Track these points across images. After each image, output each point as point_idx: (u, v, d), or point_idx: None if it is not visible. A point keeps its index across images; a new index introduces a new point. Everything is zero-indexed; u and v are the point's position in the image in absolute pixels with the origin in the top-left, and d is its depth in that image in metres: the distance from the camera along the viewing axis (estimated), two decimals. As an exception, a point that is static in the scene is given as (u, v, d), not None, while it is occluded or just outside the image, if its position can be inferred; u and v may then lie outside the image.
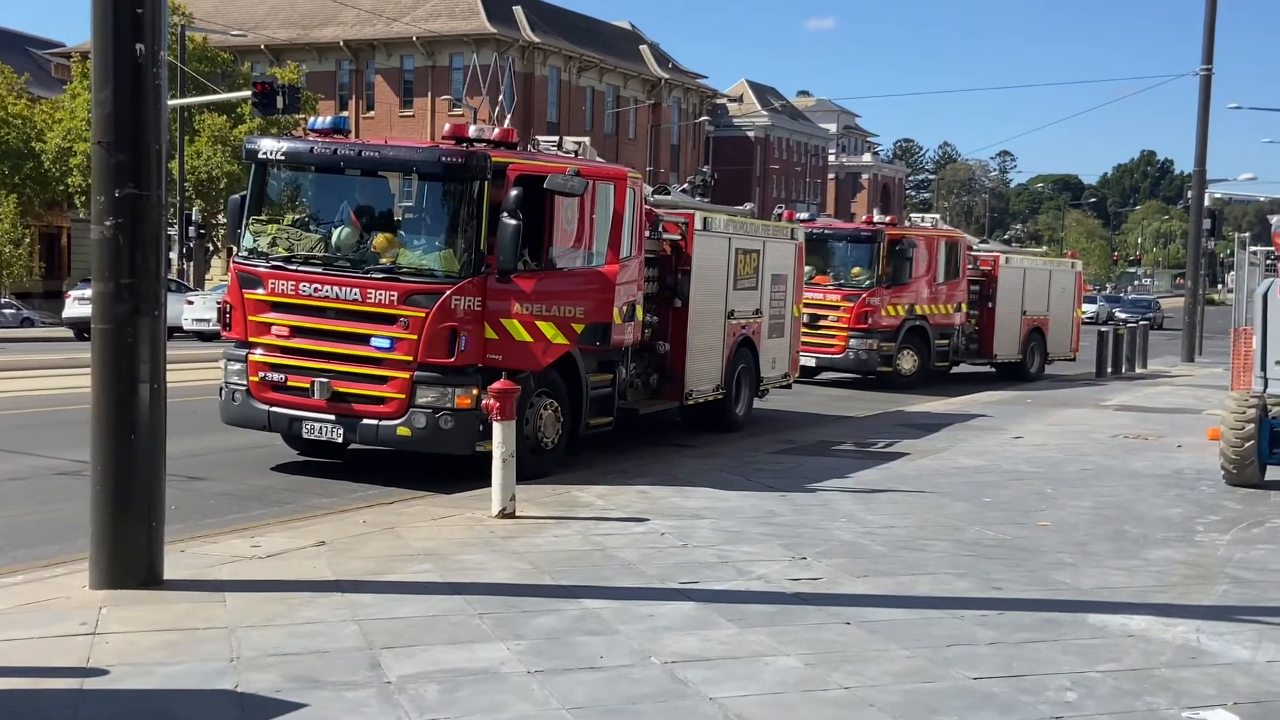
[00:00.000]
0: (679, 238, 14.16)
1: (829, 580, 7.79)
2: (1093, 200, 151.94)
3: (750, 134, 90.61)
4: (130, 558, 6.91)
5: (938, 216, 27.60)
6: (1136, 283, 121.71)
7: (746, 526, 9.39)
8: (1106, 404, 20.42)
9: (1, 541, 8.53)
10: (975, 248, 27.17)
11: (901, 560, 8.45)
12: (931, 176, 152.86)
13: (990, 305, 25.20)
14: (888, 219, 24.02)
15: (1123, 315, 52.95)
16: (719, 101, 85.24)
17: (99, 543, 6.91)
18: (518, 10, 60.74)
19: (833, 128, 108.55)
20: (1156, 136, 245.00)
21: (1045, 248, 56.61)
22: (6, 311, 40.55)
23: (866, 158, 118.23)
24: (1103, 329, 28.53)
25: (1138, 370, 28.50)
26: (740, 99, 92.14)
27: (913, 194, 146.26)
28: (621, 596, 7.17)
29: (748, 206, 18.42)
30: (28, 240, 42.49)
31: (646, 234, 13.22)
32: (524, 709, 5.30)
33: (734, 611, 6.91)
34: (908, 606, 7.20)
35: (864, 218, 25.52)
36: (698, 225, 14.29)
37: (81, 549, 7.43)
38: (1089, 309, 78.27)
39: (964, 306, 24.24)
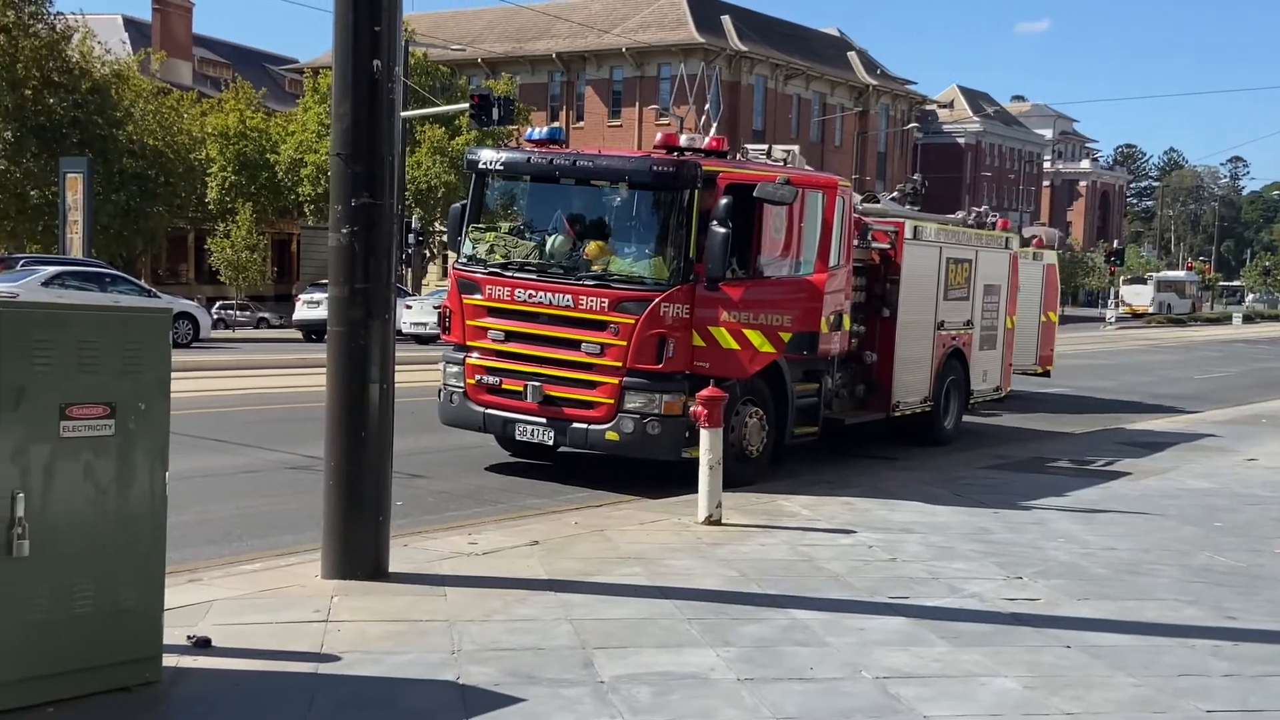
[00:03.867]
0: (888, 246, 13.96)
1: (1047, 601, 7.54)
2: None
3: (960, 140, 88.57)
4: (359, 550, 7.25)
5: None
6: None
7: (957, 543, 9.18)
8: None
9: (240, 530, 9.06)
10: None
11: (1125, 584, 8.10)
12: (1155, 183, 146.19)
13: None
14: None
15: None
16: (928, 108, 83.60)
17: (330, 535, 7.26)
18: (726, 20, 61.01)
19: (1048, 133, 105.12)
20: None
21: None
22: (243, 314, 43.09)
23: (1085, 164, 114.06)
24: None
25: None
26: (951, 104, 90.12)
27: (1134, 202, 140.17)
28: (830, 608, 7.11)
29: (960, 215, 18.01)
30: (262, 246, 44.95)
31: (855, 243, 13.07)
32: (735, 715, 5.31)
33: (947, 629, 6.76)
34: (1133, 632, 6.90)
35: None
36: (908, 234, 14.05)
37: (312, 540, 7.85)
38: (1137, 296, 70.58)
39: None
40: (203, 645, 5.81)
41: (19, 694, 4.89)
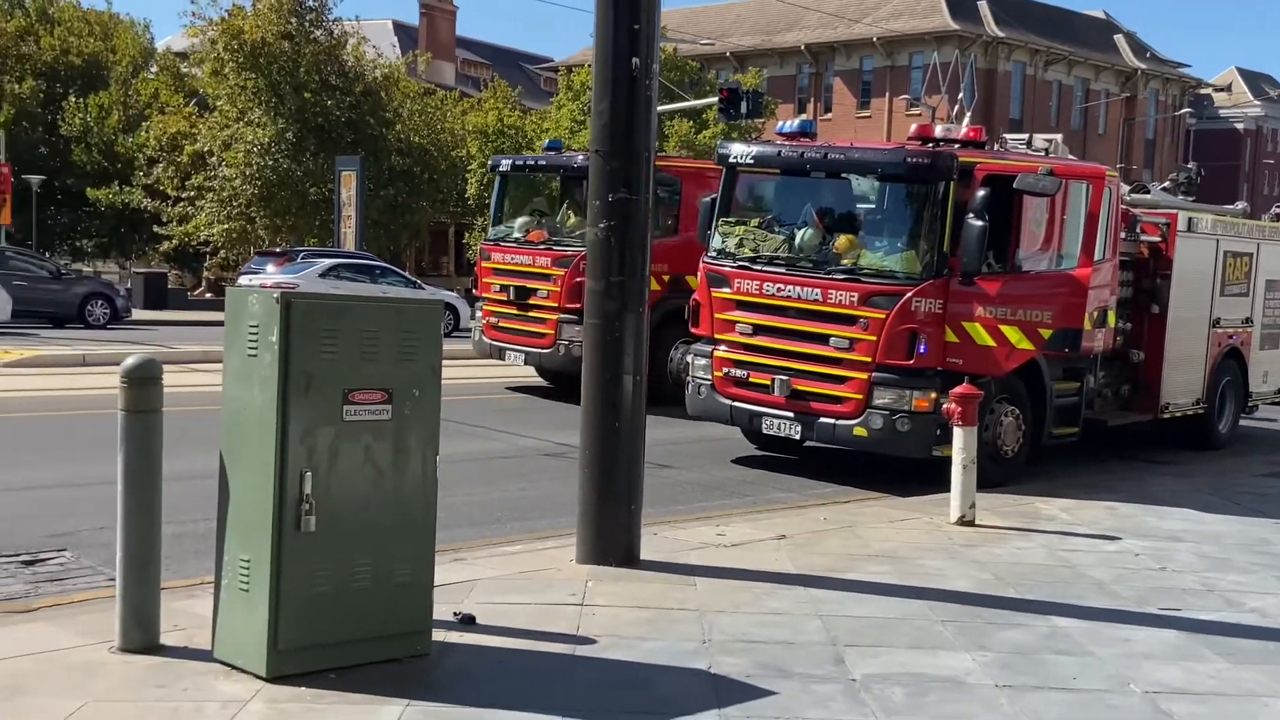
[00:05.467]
0: (1159, 239, 13.24)
1: (1335, 621, 7.01)
2: None
3: (1239, 126, 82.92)
4: (612, 537, 7.43)
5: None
6: None
7: (1234, 554, 8.64)
8: None
9: (499, 514, 9.41)
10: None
11: None
12: None
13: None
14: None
15: None
16: (1203, 92, 78.62)
17: (585, 521, 7.47)
18: (982, 5, 59.09)
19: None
20: None
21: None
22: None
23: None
24: None
25: None
26: (1228, 88, 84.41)
27: None
28: (1093, 617, 6.82)
29: (1239, 206, 16.90)
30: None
31: (1122, 235, 12.47)
32: (991, 722, 5.19)
33: (1224, 644, 6.38)
34: None
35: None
36: (1181, 226, 13.28)
37: (567, 525, 8.09)
38: None
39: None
40: (468, 622, 6.08)
41: (304, 660, 5.23)
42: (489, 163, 20.10)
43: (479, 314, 17.47)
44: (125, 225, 44.74)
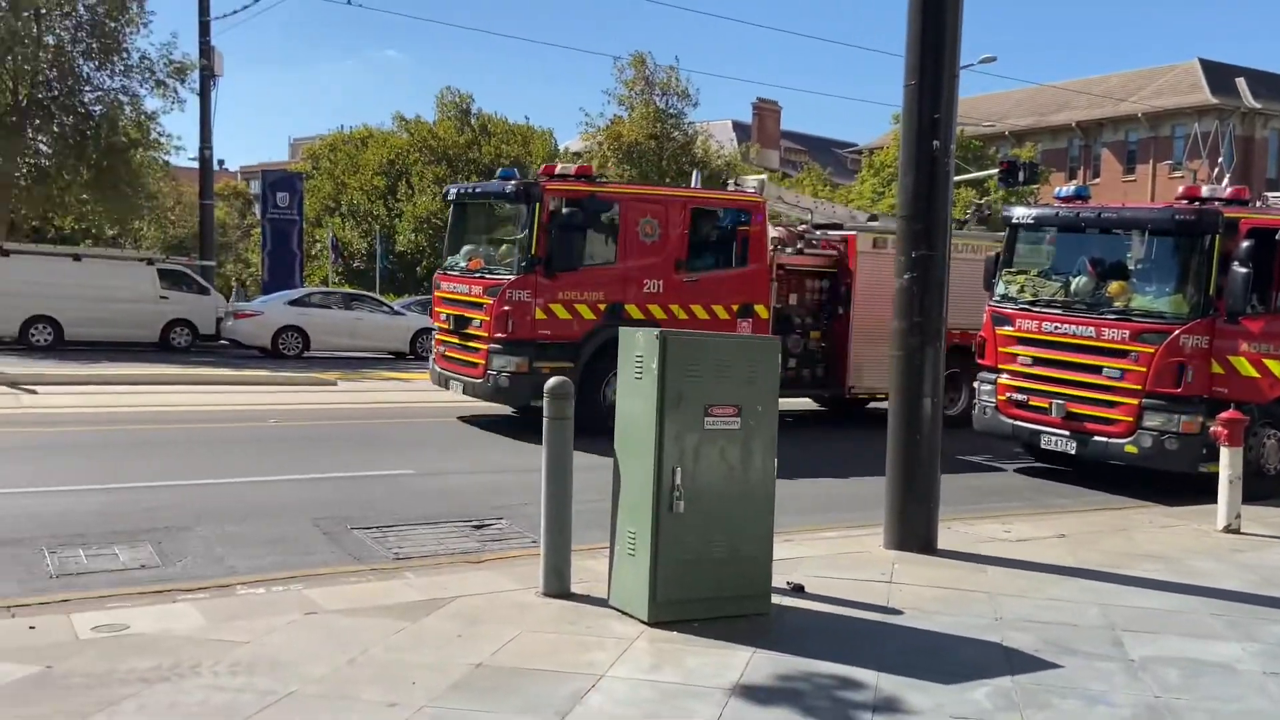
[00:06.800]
0: None
1: None
2: None
3: None
4: (913, 529, 7.21)
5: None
6: None
7: None
8: None
9: (822, 504, 9.28)
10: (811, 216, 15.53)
11: None
12: None
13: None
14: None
15: None
16: None
17: (891, 514, 7.29)
18: (1240, 82, 53.26)
19: None
20: None
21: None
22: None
23: None
24: None
25: None
26: None
27: None
28: (1363, 621, 5.96)
29: None
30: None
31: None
32: (1261, 704, 4.63)
33: None
34: None
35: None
36: None
37: (870, 517, 7.91)
38: None
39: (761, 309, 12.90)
40: (798, 590, 6.07)
41: (675, 610, 5.40)
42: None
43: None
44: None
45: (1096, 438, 10.29)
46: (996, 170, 31.87)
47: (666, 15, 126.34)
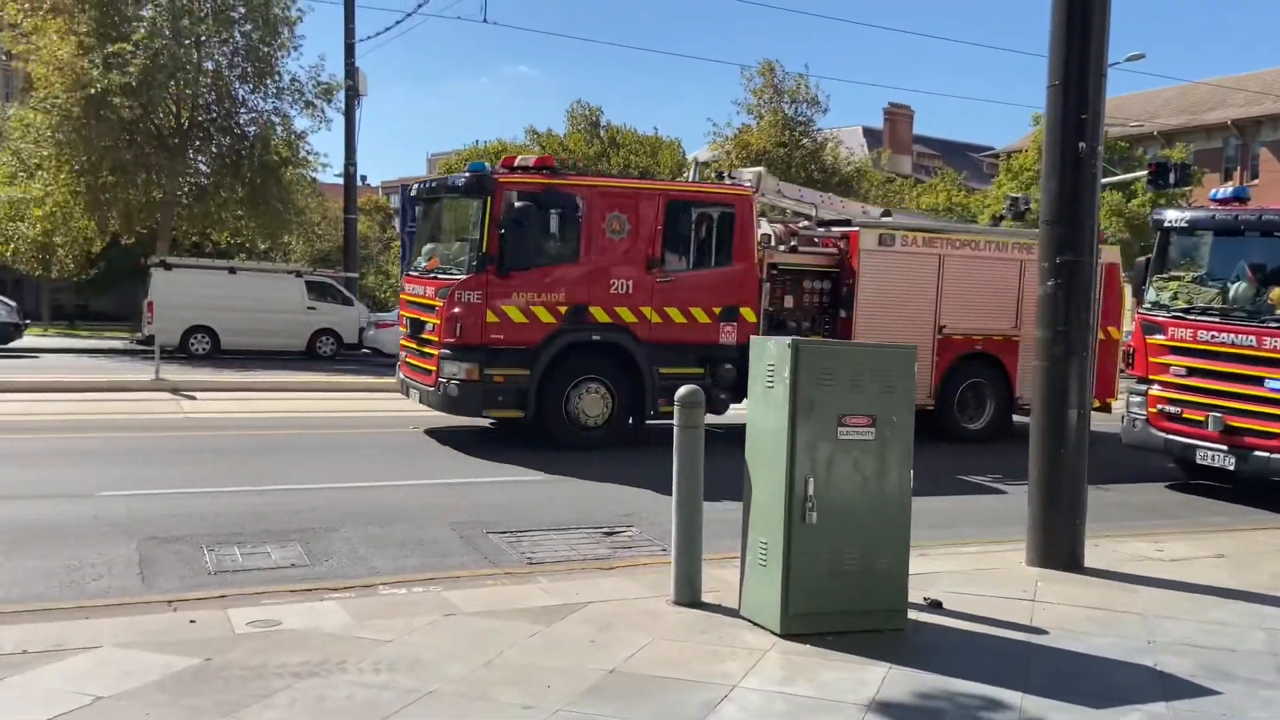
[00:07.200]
0: None
1: None
2: None
3: None
4: (1057, 544, 6.92)
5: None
6: None
7: None
8: None
9: (952, 520, 9.01)
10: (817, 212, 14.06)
11: None
12: None
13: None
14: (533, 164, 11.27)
15: None
16: None
17: (1034, 530, 7.01)
18: None
19: None
20: None
21: None
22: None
23: None
24: None
25: None
26: None
27: None
28: None
29: None
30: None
31: None
32: None
33: None
34: None
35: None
36: None
37: (1008, 533, 7.63)
38: None
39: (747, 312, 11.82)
40: (935, 606, 5.91)
41: (808, 623, 5.34)
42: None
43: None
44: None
45: (1258, 452, 9.67)
46: (1144, 172, 30.40)
47: (797, 24, 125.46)
